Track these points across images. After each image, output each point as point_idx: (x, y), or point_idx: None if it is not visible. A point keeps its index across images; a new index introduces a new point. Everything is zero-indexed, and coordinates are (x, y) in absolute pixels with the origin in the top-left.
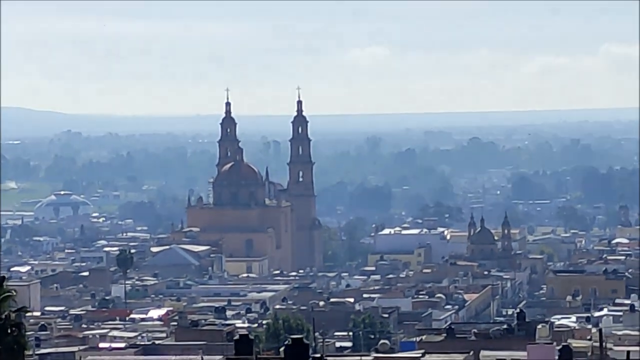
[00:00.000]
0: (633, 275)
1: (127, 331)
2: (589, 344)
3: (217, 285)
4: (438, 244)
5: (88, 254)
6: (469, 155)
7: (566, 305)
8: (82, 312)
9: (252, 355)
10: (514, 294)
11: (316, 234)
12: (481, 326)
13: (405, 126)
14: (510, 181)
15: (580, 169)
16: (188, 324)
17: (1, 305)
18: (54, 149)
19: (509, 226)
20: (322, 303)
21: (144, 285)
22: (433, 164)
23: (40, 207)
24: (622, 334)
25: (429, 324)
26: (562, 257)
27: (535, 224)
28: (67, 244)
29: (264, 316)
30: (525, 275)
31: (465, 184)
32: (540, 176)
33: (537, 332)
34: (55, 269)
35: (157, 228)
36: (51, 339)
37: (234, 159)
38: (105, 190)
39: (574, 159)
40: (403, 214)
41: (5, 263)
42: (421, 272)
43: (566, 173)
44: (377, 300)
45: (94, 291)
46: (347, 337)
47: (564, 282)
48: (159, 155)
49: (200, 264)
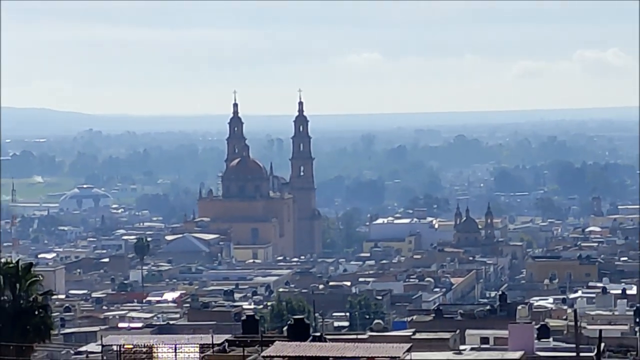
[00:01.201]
0: (605, 261)
1: (144, 312)
2: (564, 323)
3: (226, 270)
4: (427, 232)
5: (108, 242)
6: (455, 151)
7: (544, 288)
8: (103, 295)
9: (258, 334)
10: (496, 277)
11: (316, 223)
12: (466, 307)
13: (397, 125)
14: (493, 175)
15: (556, 163)
16: (199, 305)
17: (29, 289)
18: (77, 147)
19: (492, 216)
20: (322, 286)
21: (159, 271)
22: (422, 159)
23: (65, 199)
24: (595, 314)
25: (419, 305)
26: (540, 244)
27: (515, 214)
28: (89, 233)
29: (268, 298)
30: (507, 260)
31: (451, 178)
32: (520, 170)
33: (517, 312)
34: (78, 256)
35: (171, 218)
36: (75, 320)
37: (241, 155)
38: (123, 184)
39: (551, 155)
40: (395, 205)
41: (33, 250)
42: (412, 258)
43: (544, 167)
44: (372, 283)
45: (114, 276)
46: (344, 317)
47: (542, 267)
48: (173, 152)
49: (210, 251)
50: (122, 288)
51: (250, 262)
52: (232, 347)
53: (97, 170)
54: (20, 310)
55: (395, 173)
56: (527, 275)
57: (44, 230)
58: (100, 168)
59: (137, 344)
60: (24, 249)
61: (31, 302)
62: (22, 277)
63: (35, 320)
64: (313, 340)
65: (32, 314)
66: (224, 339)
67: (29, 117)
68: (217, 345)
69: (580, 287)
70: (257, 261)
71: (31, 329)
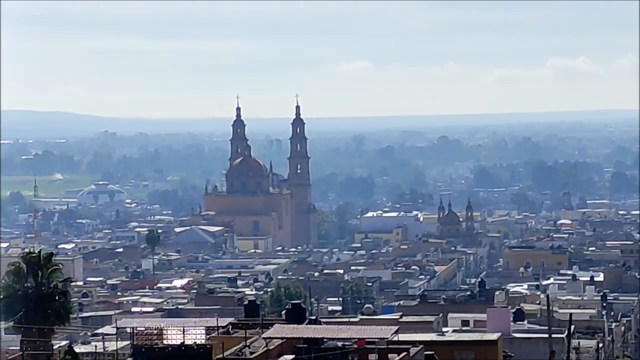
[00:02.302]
0: (575, 250)
1: (155, 298)
2: (538, 308)
3: (230, 259)
4: (413, 224)
5: (122, 234)
6: (438, 151)
7: (519, 275)
8: (117, 282)
9: (259, 318)
10: (476, 266)
11: (312, 216)
12: (449, 293)
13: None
14: (473, 172)
15: (530, 162)
16: (205, 291)
17: (50, 277)
18: (94, 147)
19: (472, 210)
20: (317, 274)
21: (169, 260)
22: (409, 158)
23: (82, 194)
24: (566, 299)
25: (406, 291)
26: (515, 235)
27: (493, 208)
28: (104, 226)
29: (268, 285)
30: (485, 250)
31: (435, 175)
32: (497, 168)
33: (495, 297)
34: (94, 246)
35: (180, 212)
36: (91, 304)
37: (243, 155)
38: (136, 181)
39: (525, 154)
40: (384, 200)
41: (53, 241)
42: (399, 248)
43: (519, 165)
44: (362, 271)
45: (127, 264)
46: (338, 302)
47: (517, 256)
48: (181, 152)
49: (215, 241)
50: (135, 276)
51: (251, 252)
52: (235, 330)
53: (112, 168)
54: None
55: (383, 171)
56: (503, 264)
57: (64, 223)
58: (115, 166)
59: (148, 326)
60: (45, 240)
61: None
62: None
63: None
64: (309, 323)
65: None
66: (228, 322)
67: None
68: (221, 328)
69: (552, 275)
70: (258, 251)
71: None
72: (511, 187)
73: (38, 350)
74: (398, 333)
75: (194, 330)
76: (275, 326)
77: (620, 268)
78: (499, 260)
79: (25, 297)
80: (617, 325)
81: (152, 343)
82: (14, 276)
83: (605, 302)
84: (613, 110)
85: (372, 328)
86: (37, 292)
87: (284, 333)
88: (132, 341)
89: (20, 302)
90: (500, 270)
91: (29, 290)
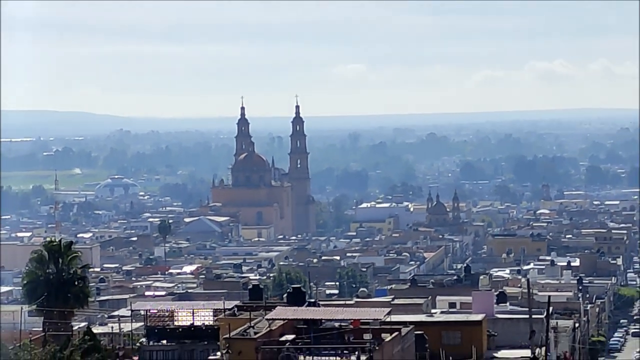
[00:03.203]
0: (553, 238)
1: (167, 282)
2: (519, 291)
3: (235, 247)
4: (404, 214)
5: (136, 224)
6: (427, 147)
7: (502, 261)
8: (132, 268)
9: (262, 301)
10: (462, 252)
11: (310, 207)
12: (437, 277)
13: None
14: (459, 166)
15: (512, 157)
16: (213, 276)
17: (70, 264)
18: (110, 144)
19: (458, 200)
20: (315, 260)
21: (179, 247)
22: (400, 154)
23: (99, 188)
24: (545, 283)
25: (397, 276)
26: (498, 224)
27: (477, 199)
28: (120, 216)
29: (271, 270)
30: (471, 238)
31: (424, 169)
32: (481, 162)
33: (479, 281)
34: (111, 235)
35: (189, 203)
36: (108, 289)
37: (247, 151)
38: (148, 175)
39: (507, 149)
40: (377, 192)
41: (73, 231)
42: (391, 236)
43: (501, 160)
44: (357, 258)
45: (141, 252)
46: (335, 286)
47: (500, 243)
48: (190, 148)
49: (222, 231)
50: (148, 262)
51: (255, 240)
52: (240, 312)
53: (127, 163)
54: (63, 281)
55: (376, 165)
56: (487, 251)
57: (82, 214)
58: (129, 162)
59: (160, 309)
60: (65, 230)
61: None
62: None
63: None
64: (308, 305)
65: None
66: (233, 305)
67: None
68: (228, 310)
69: (532, 260)
70: (261, 239)
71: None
72: (494, 180)
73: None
74: (390, 314)
75: (203, 312)
76: (278, 308)
77: (594, 254)
78: (483, 247)
79: (47, 282)
80: (592, 307)
81: (164, 324)
82: (36, 263)
83: (581, 285)
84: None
85: (367, 310)
86: (58, 278)
87: (286, 315)
88: (146, 322)
89: (42, 287)
90: (484, 256)
91: (50, 276)
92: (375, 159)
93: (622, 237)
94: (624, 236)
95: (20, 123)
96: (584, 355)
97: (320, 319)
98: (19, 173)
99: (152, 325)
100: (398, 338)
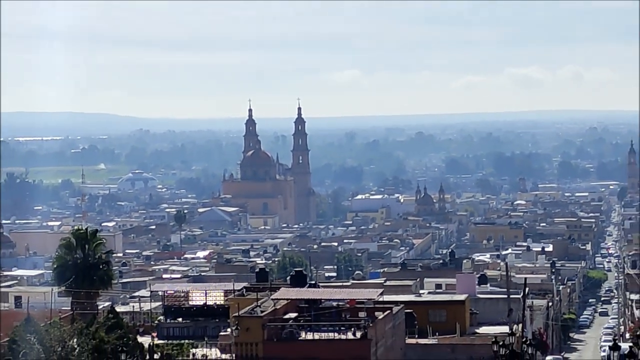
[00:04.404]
0: (528, 226)
1: (182, 266)
2: (498, 273)
3: (244, 234)
4: (395, 205)
5: (154, 213)
6: (416, 145)
7: (483, 246)
8: (151, 253)
9: (268, 283)
10: (447, 239)
11: (311, 199)
12: (425, 261)
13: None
14: (444, 162)
15: (492, 153)
16: (224, 261)
17: (95, 249)
18: (131, 142)
19: (443, 193)
20: (316, 246)
21: (193, 235)
22: (391, 151)
23: (122, 181)
24: (521, 266)
25: (389, 260)
26: (479, 213)
27: (461, 191)
28: (140, 207)
29: (275, 255)
30: (455, 226)
31: (413, 164)
32: (464, 158)
33: (463, 265)
34: (132, 224)
35: (202, 195)
36: (129, 272)
37: (254, 148)
38: (166, 170)
39: (488, 147)
40: (371, 185)
41: (98, 220)
42: (383, 225)
43: (482, 156)
44: (353, 244)
45: (159, 239)
46: (333, 269)
47: (481, 231)
48: (203, 146)
49: (231, 220)
50: (165, 248)
51: (261, 228)
52: (248, 292)
53: (146, 159)
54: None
55: (370, 161)
56: (470, 237)
57: (106, 205)
58: (149, 158)
59: (176, 290)
60: (91, 219)
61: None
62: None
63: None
64: (309, 286)
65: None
66: (242, 286)
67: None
68: (237, 291)
69: (510, 246)
70: (267, 227)
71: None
72: (476, 174)
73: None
74: (383, 295)
75: (215, 293)
76: (282, 289)
77: (566, 240)
78: (466, 234)
79: (74, 266)
80: (563, 288)
81: (179, 303)
82: (65, 249)
83: (553, 268)
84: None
85: (362, 290)
86: (84, 262)
87: (289, 295)
88: (163, 302)
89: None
90: (467, 242)
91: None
92: (369, 155)
93: (591, 225)
94: (593, 224)
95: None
96: (556, 331)
97: (319, 298)
98: (49, 168)
99: (169, 305)
100: (390, 316)
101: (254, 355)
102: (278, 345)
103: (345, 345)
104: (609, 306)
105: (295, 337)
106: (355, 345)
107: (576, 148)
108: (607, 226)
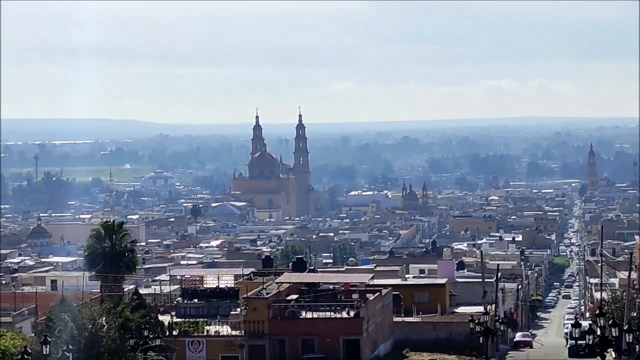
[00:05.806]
0: (501, 219)
1: (197, 254)
2: (474, 260)
3: (251, 226)
4: (384, 200)
5: (173, 208)
6: (402, 147)
7: (461, 236)
8: (170, 242)
9: (272, 268)
10: (430, 230)
11: (310, 195)
12: (410, 249)
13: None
14: (427, 162)
15: (469, 154)
16: (234, 249)
17: (121, 239)
18: (153, 145)
19: (426, 189)
20: (314, 236)
21: (207, 226)
22: (381, 152)
23: (145, 179)
24: (494, 254)
25: (379, 249)
26: (458, 207)
27: (442, 188)
28: (160, 202)
29: (279, 244)
30: (436, 219)
31: (400, 164)
32: (445, 159)
33: (443, 253)
34: (154, 217)
35: (215, 192)
36: (152, 259)
37: (260, 150)
38: (183, 169)
39: (465, 149)
40: (363, 182)
41: (124, 213)
42: (374, 217)
43: (461, 157)
44: (347, 234)
45: (177, 230)
46: (330, 256)
47: (459, 223)
48: (216, 148)
49: (241, 213)
50: (183, 238)
51: (267, 220)
52: (255, 277)
53: (166, 160)
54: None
55: (363, 161)
56: (449, 229)
57: (131, 200)
58: (168, 159)
59: (193, 274)
60: (117, 212)
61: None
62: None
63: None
64: (309, 271)
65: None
66: (250, 271)
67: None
68: (245, 275)
69: (485, 236)
70: (272, 220)
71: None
72: (455, 173)
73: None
74: (373, 279)
75: (226, 277)
76: (285, 274)
77: (534, 231)
78: (446, 226)
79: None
80: (531, 273)
81: (195, 286)
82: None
83: (523, 255)
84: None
85: (355, 275)
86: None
87: (291, 279)
88: (181, 285)
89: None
90: (447, 233)
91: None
92: (361, 156)
93: (555, 218)
94: (557, 217)
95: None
96: (525, 311)
97: (318, 282)
98: (81, 168)
99: (186, 287)
100: (379, 297)
101: (261, 331)
102: (281, 323)
103: (340, 323)
104: (571, 289)
105: (297, 315)
106: (349, 322)
107: (543, 150)
108: (569, 219)
